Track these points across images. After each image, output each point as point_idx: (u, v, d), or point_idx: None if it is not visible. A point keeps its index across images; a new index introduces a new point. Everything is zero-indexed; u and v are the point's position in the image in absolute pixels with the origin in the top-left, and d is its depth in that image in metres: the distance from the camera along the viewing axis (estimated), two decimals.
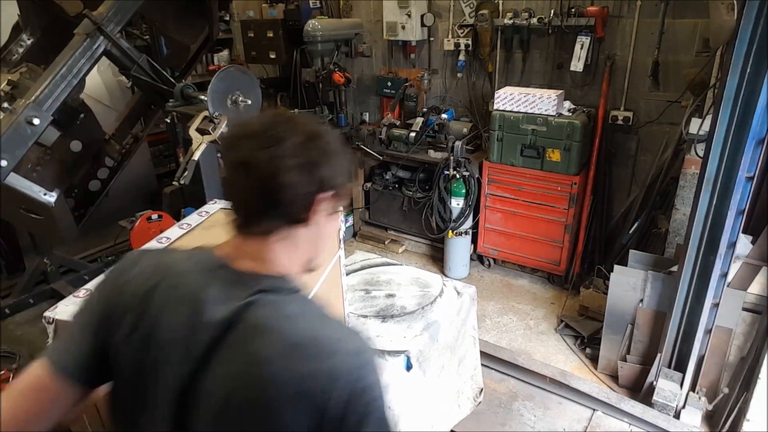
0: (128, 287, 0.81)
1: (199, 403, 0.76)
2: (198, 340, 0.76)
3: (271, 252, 0.82)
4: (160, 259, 0.85)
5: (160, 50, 3.49)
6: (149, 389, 0.78)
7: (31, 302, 3.02)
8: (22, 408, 0.78)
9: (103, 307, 0.82)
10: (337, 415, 0.74)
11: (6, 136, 2.13)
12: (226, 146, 0.83)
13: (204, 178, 2.42)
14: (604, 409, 2.60)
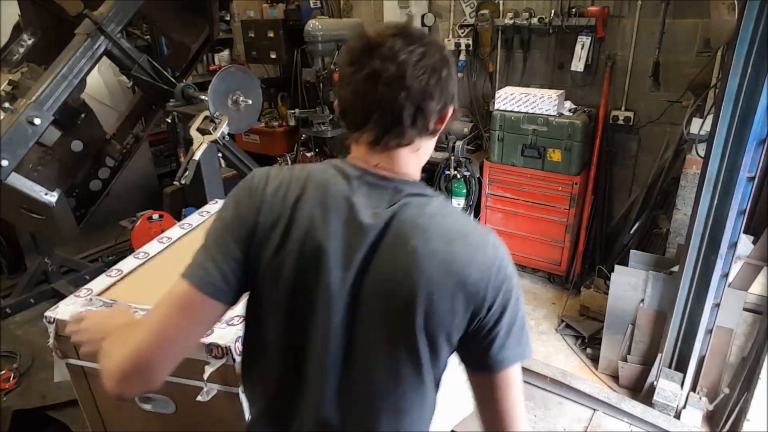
0: (268, 203, 0.81)
1: (364, 305, 0.79)
2: (358, 243, 0.78)
3: (404, 161, 0.84)
4: (293, 173, 0.84)
5: (160, 50, 3.49)
6: (311, 295, 0.79)
7: (31, 302, 3.01)
8: (173, 329, 0.80)
9: (245, 226, 0.82)
10: (492, 300, 0.80)
11: (7, 136, 2.13)
12: (361, 58, 0.79)
13: (205, 177, 2.42)
14: (604, 409, 2.59)
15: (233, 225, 0.84)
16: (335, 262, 0.78)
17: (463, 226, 0.82)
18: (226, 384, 1.04)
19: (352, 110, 0.83)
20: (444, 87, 0.83)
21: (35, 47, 2.84)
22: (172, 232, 1.53)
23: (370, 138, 0.83)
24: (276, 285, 0.81)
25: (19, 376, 2.34)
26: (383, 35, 0.79)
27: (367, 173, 0.83)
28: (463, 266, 0.78)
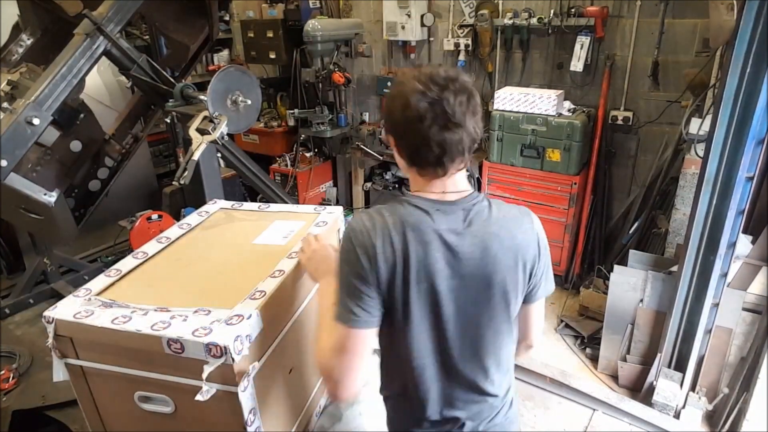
0: (382, 257, 1.02)
1: (466, 300, 1.09)
2: (453, 260, 1.06)
3: (461, 180, 1.13)
4: (388, 223, 1.05)
5: (160, 50, 3.48)
6: (437, 306, 1.07)
7: (31, 302, 3.01)
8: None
9: (370, 279, 1.03)
10: (538, 261, 1.15)
11: (6, 136, 2.13)
12: (427, 113, 1.00)
13: (204, 178, 2.42)
14: (604, 409, 2.59)
15: (359, 280, 1.03)
16: (442, 278, 1.05)
17: (514, 216, 1.15)
18: (225, 383, 1.04)
19: (425, 154, 1.04)
20: (480, 117, 1.06)
21: (34, 47, 2.84)
22: (171, 232, 1.53)
23: (438, 172, 1.06)
24: (405, 305, 1.06)
25: (19, 376, 2.34)
26: (439, 90, 0.99)
27: (437, 203, 1.08)
28: (525, 249, 1.11)
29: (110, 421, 1.24)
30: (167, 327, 1.04)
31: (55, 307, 1.14)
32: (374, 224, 1.04)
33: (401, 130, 1.04)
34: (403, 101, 1.01)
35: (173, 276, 1.30)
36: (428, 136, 1.00)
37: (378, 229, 1.03)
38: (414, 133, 1.01)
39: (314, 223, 1.52)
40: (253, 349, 1.07)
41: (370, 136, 4.53)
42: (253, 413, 1.10)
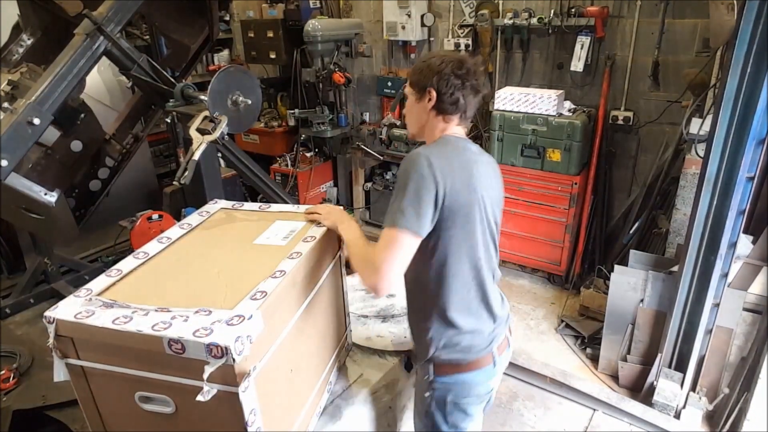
0: (441, 179, 1.32)
1: (492, 207, 1.45)
2: (487, 177, 1.44)
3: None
4: (444, 155, 1.38)
5: (160, 50, 3.48)
6: (484, 214, 1.42)
7: (31, 302, 3.00)
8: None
9: (432, 195, 1.31)
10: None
11: (6, 136, 2.13)
12: (468, 76, 1.43)
13: (204, 178, 2.42)
14: (604, 409, 2.59)
15: (426, 196, 1.30)
16: (484, 190, 1.40)
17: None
18: (226, 384, 1.04)
19: (461, 106, 1.45)
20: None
21: (34, 47, 2.83)
22: (172, 232, 1.52)
23: (463, 120, 1.49)
24: (466, 219, 1.37)
25: (19, 376, 2.34)
26: (472, 64, 1.44)
27: (464, 139, 1.49)
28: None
29: (111, 422, 1.24)
30: (168, 327, 1.04)
31: (56, 307, 1.14)
32: (432, 159, 1.33)
33: (448, 84, 1.42)
34: (457, 64, 1.42)
35: (174, 276, 1.30)
36: (465, 92, 1.44)
37: (437, 161, 1.33)
38: (458, 86, 1.42)
39: (315, 224, 1.52)
40: (254, 349, 1.07)
41: (371, 136, 4.54)
42: (253, 413, 1.10)
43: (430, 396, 1.48)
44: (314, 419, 1.49)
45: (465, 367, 1.45)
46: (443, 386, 1.47)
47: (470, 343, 1.44)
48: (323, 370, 1.56)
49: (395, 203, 1.31)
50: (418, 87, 1.46)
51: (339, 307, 1.68)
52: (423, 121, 1.49)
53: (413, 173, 1.31)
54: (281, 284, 1.20)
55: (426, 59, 1.47)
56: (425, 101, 1.45)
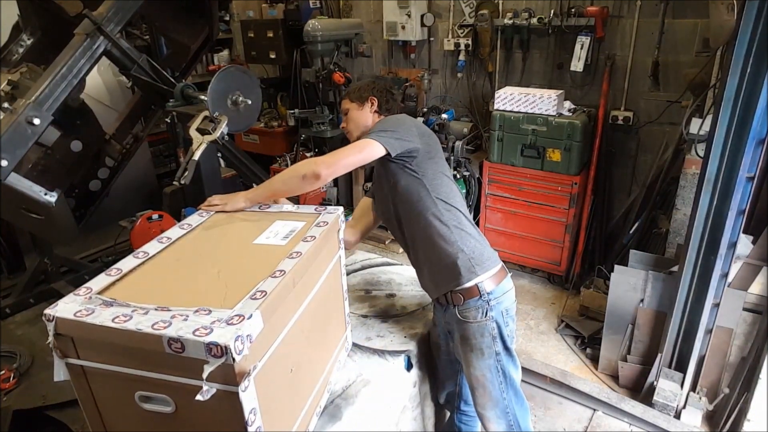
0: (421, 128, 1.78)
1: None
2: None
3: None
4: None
5: (160, 50, 3.48)
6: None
7: (31, 302, 3.01)
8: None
9: (415, 136, 1.70)
10: None
11: (6, 136, 2.13)
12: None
13: (204, 178, 2.42)
14: (604, 409, 2.59)
15: (411, 133, 1.68)
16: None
17: None
18: (226, 383, 1.04)
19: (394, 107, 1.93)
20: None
21: (34, 47, 2.83)
22: (172, 232, 1.52)
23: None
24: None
25: (19, 376, 2.34)
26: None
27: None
28: None
29: (111, 421, 1.24)
30: (168, 326, 1.04)
31: (56, 306, 1.14)
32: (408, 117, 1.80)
33: (384, 96, 1.89)
34: (388, 87, 1.94)
35: (174, 275, 1.30)
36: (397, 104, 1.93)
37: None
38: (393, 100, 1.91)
39: (315, 223, 1.52)
40: (253, 349, 1.07)
41: None
42: (253, 413, 1.10)
43: (492, 316, 1.67)
44: (314, 419, 1.49)
45: (499, 276, 1.71)
46: (496, 299, 1.68)
47: (489, 252, 1.72)
48: (323, 370, 1.56)
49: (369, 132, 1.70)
50: (357, 99, 1.88)
51: (339, 307, 1.68)
52: (368, 122, 1.86)
53: (387, 119, 1.78)
54: (281, 284, 1.20)
55: (358, 85, 1.93)
56: (366, 107, 1.87)
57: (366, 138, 1.62)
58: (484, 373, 1.72)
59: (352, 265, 2.46)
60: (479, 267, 1.67)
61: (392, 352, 1.85)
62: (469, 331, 1.70)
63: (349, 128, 1.88)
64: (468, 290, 1.66)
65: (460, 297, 1.68)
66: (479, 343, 1.69)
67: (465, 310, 1.68)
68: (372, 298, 2.20)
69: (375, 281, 2.34)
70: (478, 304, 1.67)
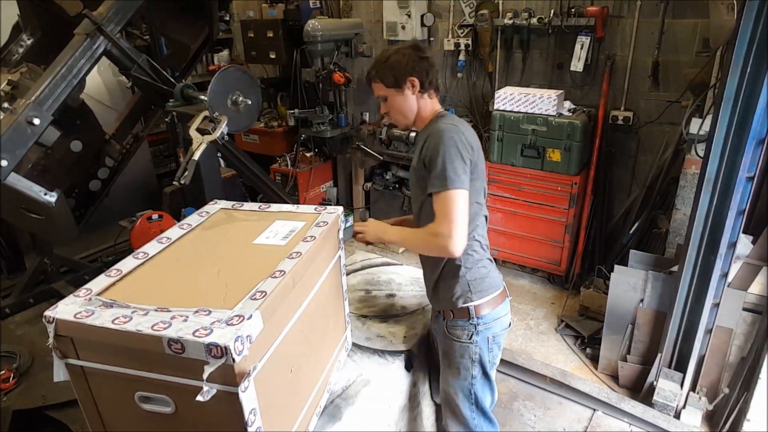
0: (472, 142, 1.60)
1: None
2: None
3: None
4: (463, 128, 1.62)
5: (160, 50, 3.48)
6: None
7: (31, 302, 3.01)
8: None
9: (470, 150, 1.57)
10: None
11: (6, 136, 2.13)
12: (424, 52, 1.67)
13: (204, 178, 2.42)
14: (604, 409, 2.59)
15: (465, 157, 1.53)
16: (480, 149, 1.64)
17: None
18: (226, 384, 1.04)
19: (434, 80, 1.67)
20: None
21: (34, 47, 2.83)
22: (172, 232, 1.52)
23: (437, 92, 1.71)
24: (481, 172, 1.63)
25: (19, 376, 2.34)
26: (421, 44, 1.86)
27: (453, 114, 1.82)
28: None
29: (110, 422, 1.24)
30: (168, 327, 1.04)
31: (56, 307, 1.14)
32: (454, 123, 1.61)
33: (422, 68, 1.62)
34: (414, 49, 1.64)
35: (174, 276, 1.30)
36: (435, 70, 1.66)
37: (459, 125, 1.60)
38: (431, 68, 1.64)
39: (314, 223, 1.52)
40: (253, 349, 1.07)
41: (371, 136, 4.53)
42: (253, 413, 1.10)
43: (476, 340, 1.66)
44: (314, 419, 1.49)
45: (496, 301, 1.68)
46: (485, 325, 1.67)
47: (493, 277, 1.69)
48: (323, 370, 1.56)
49: (440, 169, 1.50)
50: (393, 83, 1.64)
51: (339, 307, 1.68)
52: (413, 107, 1.67)
53: (451, 141, 1.51)
54: (281, 284, 1.20)
55: (385, 59, 1.64)
56: (407, 91, 1.64)
57: (449, 188, 1.48)
58: (456, 392, 1.73)
59: (352, 265, 2.46)
60: (476, 293, 1.65)
61: (392, 352, 1.85)
62: (452, 348, 1.70)
63: (394, 117, 1.72)
64: (459, 310, 1.66)
65: (450, 313, 1.68)
66: (457, 362, 1.70)
67: (452, 327, 1.69)
68: (372, 298, 2.20)
69: (375, 281, 2.34)
70: (466, 326, 1.66)
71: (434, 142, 1.54)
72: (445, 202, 1.49)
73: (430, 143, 1.55)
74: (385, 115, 1.73)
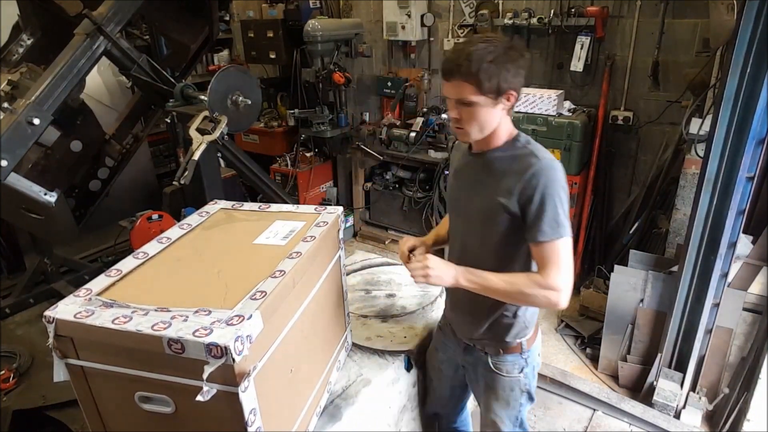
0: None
1: None
2: None
3: None
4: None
5: (160, 50, 3.49)
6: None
7: (31, 302, 3.01)
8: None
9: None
10: None
11: (6, 136, 2.13)
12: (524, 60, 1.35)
13: (204, 178, 2.42)
14: (604, 409, 2.60)
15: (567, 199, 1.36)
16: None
17: None
18: (226, 384, 1.04)
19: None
20: None
21: (34, 47, 2.84)
22: (172, 232, 1.52)
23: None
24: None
25: (19, 376, 2.34)
26: (519, 47, 1.36)
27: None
28: None
29: (110, 421, 1.24)
30: (168, 327, 1.04)
31: (56, 307, 1.14)
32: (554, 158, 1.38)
33: (522, 81, 1.34)
34: (516, 52, 1.31)
35: (174, 276, 1.30)
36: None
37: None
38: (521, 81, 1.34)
39: (314, 223, 1.52)
40: (253, 349, 1.07)
41: (371, 136, 4.54)
42: (253, 413, 1.10)
43: (526, 372, 1.58)
44: (314, 419, 1.49)
45: (536, 333, 1.61)
46: (532, 356, 1.59)
47: (534, 309, 1.56)
48: (323, 370, 1.56)
49: (551, 215, 1.31)
50: (492, 92, 1.29)
51: (339, 307, 1.68)
52: (495, 124, 1.37)
53: (558, 182, 1.33)
54: (281, 284, 1.20)
55: (491, 58, 1.27)
56: (500, 105, 1.33)
57: (561, 237, 1.32)
58: (503, 420, 1.66)
59: (352, 265, 2.46)
60: (530, 328, 1.56)
61: (392, 352, 1.85)
62: (500, 383, 1.60)
63: (468, 128, 1.37)
64: (510, 346, 1.55)
65: (498, 350, 1.57)
66: (507, 395, 1.61)
67: (500, 363, 1.57)
68: (372, 298, 2.20)
69: (375, 281, 2.34)
70: (517, 360, 1.57)
71: (542, 182, 1.31)
72: (557, 251, 1.32)
73: (535, 181, 1.31)
74: (454, 120, 1.39)
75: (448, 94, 1.36)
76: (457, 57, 1.29)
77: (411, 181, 4.40)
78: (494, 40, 1.29)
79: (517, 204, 1.35)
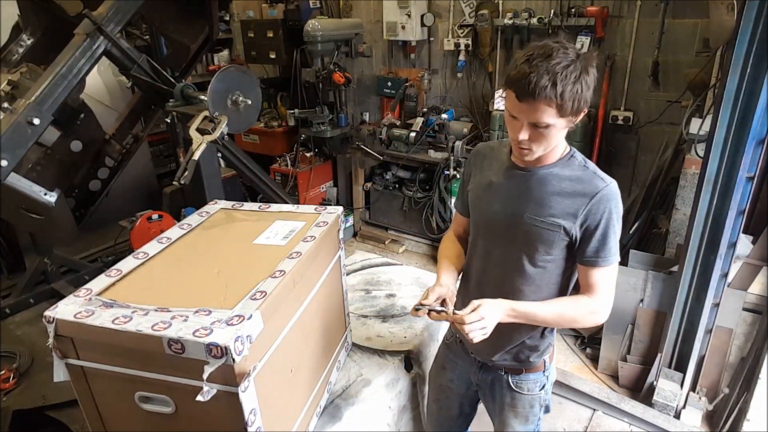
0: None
1: None
2: None
3: None
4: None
5: (160, 50, 3.49)
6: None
7: (31, 302, 3.01)
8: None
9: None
10: None
11: (6, 136, 2.13)
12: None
13: (204, 178, 2.42)
14: (604, 409, 2.60)
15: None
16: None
17: None
18: (226, 384, 1.04)
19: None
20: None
21: (35, 47, 2.84)
22: (172, 232, 1.52)
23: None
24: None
25: (19, 376, 2.34)
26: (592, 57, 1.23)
27: None
28: None
29: (111, 422, 1.24)
30: (168, 327, 1.04)
31: (56, 307, 1.14)
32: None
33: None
34: (589, 65, 1.16)
35: (174, 276, 1.30)
36: None
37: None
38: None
39: (314, 223, 1.52)
40: (253, 349, 1.07)
41: (371, 136, 4.54)
42: (253, 413, 1.10)
43: (547, 389, 1.58)
44: (314, 419, 1.50)
45: (553, 349, 1.58)
46: (551, 371, 1.59)
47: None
48: (323, 370, 1.56)
49: (612, 241, 1.29)
50: (573, 113, 1.17)
51: (339, 307, 1.68)
52: (558, 140, 1.26)
53: (621, 208, 1.30)
54: (281, 284, 1.21)
55: (576, 77, 1.13)
56: (572, 123, 1.22)
57: (614, 263, 1.32)
58: None
59: (352, 265, 2.46)
60: (552, 344, 1.54)
61: (392, 352, 1.85)
62: (520, 401, 1.56)
63: (536, 149, 1.24)
64: (533, 366, 1.52)
65: (521, 369, 1.53)
66: (527, 412, 1.58)
67: (521, 382, 1.54)
68: (372, 298, 2.20)
69: (375, 281, 2.34)
70: (539, 378, 1.54)
71: (610, 207, 1.26)
72: (611, 276, 1.33)
73: (603, 206, 1.26)
74: (525, 142, 1.22)
75: (519, 116, 1.19)
76: (537, 75, 1.11)
77: (411, 181, 4.41)
78: (569, 47, 1.15)
79: (579, 227, 1.29)
